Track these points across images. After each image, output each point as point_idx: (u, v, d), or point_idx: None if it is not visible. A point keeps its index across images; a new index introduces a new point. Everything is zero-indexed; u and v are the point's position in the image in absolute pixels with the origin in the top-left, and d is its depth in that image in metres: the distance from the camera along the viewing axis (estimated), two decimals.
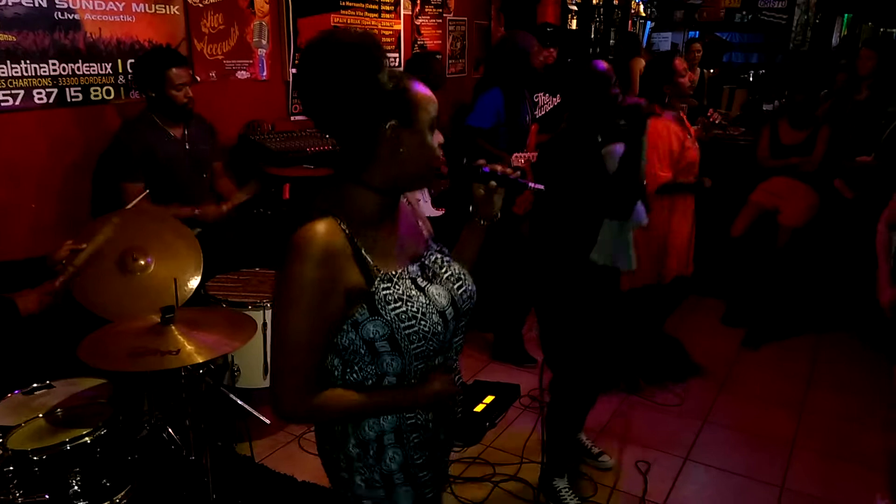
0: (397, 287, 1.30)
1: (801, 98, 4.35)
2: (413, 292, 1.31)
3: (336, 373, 1.35)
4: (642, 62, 6.50)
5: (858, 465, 3.14)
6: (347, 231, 1.27)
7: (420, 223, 1.51)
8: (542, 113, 4.46)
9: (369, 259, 1.28)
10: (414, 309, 1.30)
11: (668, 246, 3.44)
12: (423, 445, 1.42)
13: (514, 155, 3.69)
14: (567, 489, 2.83)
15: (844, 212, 4.32)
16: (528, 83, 4.03)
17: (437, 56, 4.72)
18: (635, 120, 2.54)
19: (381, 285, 1.29)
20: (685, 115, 3.58)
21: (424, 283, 1.35)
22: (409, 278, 1.34)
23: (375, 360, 1.32)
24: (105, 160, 3.24)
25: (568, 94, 2.73)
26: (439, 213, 3.88)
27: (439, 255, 1.47)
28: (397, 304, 1.29)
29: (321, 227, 1.24)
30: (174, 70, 3.06)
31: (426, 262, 1.42)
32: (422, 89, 1.31)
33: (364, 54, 1.25)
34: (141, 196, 2.94)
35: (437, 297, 1.34)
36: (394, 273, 1.32)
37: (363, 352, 1.31)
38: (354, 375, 1.34)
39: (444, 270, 1.43)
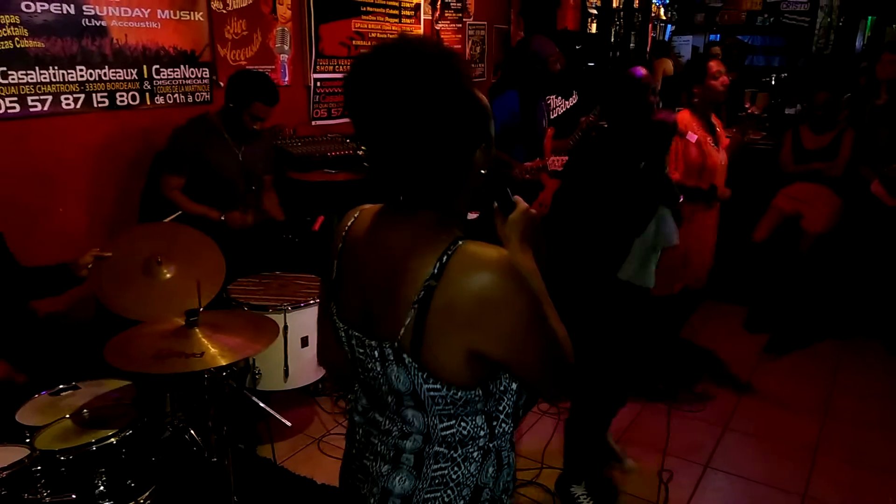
0: None
1: (825, 98, 4.27)
2: None
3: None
4: (668, 63, 6.48)
5: (882, 472, 3.10)
6: None
7: None
8: (554, 116, 4.46)
9: None
10: None
11: (687, 259, 3.42)
12: None
13: (552, 159, 3.68)
14: (584, 495, 2.82)
15: (870, 217, 4.27)
16: (545, 87, 4.03)
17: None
18: (660, 136, 2.54)
19: None
20: (718, 119, 3.54)
21: None
22: None
23: None
24: (160, 156, 3.37)
25: (605, 100, 2.71)
26: (474, 216, 3.88)
27: None
28: None
29: (496, 251, 1.10)
30: (259, 105, 3.18)
31: None
32: (482, 98, 1.19)
33: (460, 67, 1.12)
34: (173, 216, 3.00)
35: None
36: None
37: None
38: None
39: None
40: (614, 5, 6.97)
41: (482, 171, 1.18)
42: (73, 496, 2.07)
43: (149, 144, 3.39)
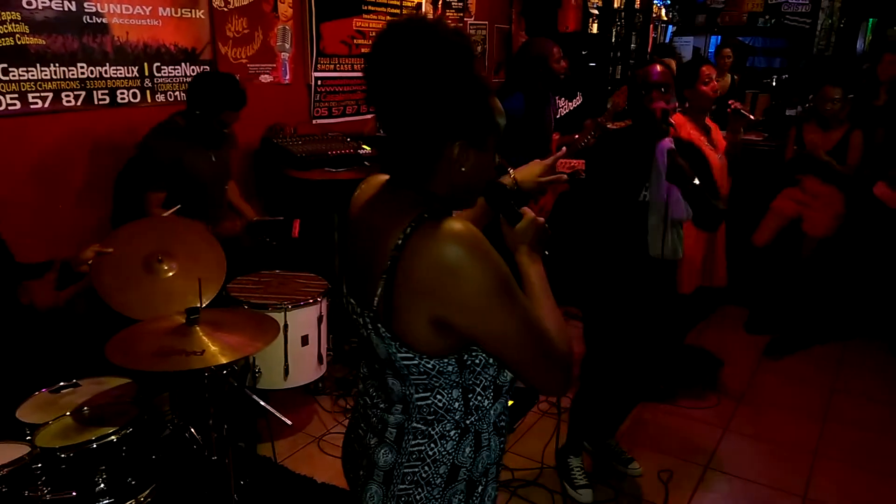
0: None
1: (838, 93, 4.12)
2: None
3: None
4: (672, 64, 6.46)
5: (882, 475, 3.10)
6: None
7: None
8: (558, 116, 4.46)
9: None
10: None
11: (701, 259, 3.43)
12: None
13: (560, 161, 3.68)
14: (579, 468, 2.90)
15: (873, 219, 4.26)
16: (551, 87, 4.02)
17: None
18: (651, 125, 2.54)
19: None
20: (713, 123, 3.53)
21: None
22: None
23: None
24: (132, 166, 3.27)
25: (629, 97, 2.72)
26: None
27: None
28: None
29: (458, 223, 1.12)
30: (228, 113, 3.13)
31: None
32: (499, 106, 1.23)
33: (463, 58, 1.16)
34: (173, 209, 2.97)
35: None
36: None
37: None
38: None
39: None
40: (615, 6, 6.96)
41: (462, 169, 1.19)
42: (74, 494, 2.07)
43: (138, 148, 3.34)
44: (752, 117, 3.47)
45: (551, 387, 1.23)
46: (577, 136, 4.10)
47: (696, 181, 2.50)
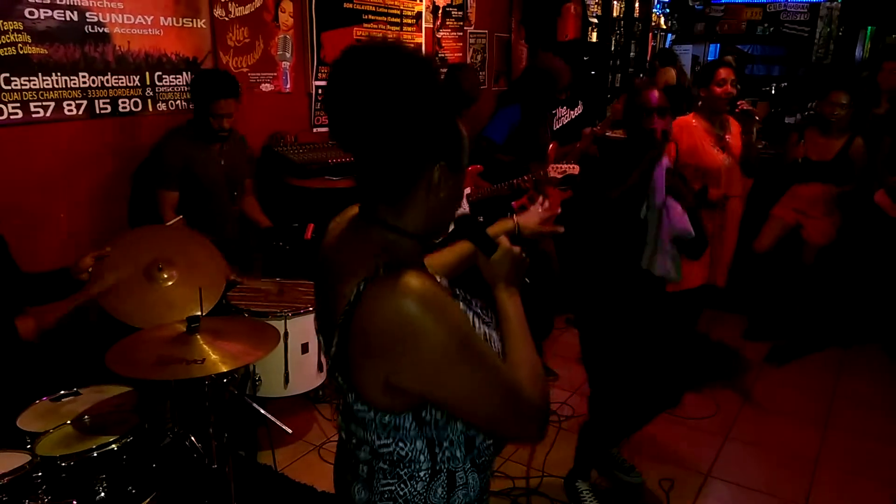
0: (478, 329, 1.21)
1: (845, 98, 4.08)
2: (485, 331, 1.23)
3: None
4: (671, 73, 6.49)
5: (883, 483, 3.09)
6: None
7: None
8: (559, 126, 4.47)
9: None
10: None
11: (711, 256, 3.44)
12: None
13: (551, 166, 3.69)
14: (588, 491, 2.88)
15: (873, 226, 4.26)
16: (547, 109, 4.03)
17: (468, 68, 4.63)
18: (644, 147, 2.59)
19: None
20: (735, 123, 3.55)
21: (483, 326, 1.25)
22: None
23: None
24: (145, 167, 3.35)
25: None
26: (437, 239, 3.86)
27: (466, 298, 1.31)
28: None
29: (415, 279, 1.05)
30: (220, 102, 3.18)
31: (462, 304, 1.26)
32: (464, 129, 1.18)
33: (435, 78, 1.10)
34: (176, 220, 3.00)
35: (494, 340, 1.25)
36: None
37: None
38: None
39: (480, 312, 1.29)
40: (615, 14, 6.99)
41: (442, 195, 1.14)
42: (74, 502, 2.06)
43: (149, 153, 3.38)
44: (757, 117, 3.51)
45: (523, 440, 1.19)
46: (577, 145, 4.12)
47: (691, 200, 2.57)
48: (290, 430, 3.08)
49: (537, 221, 1.63)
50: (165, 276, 2.61)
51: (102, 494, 2.11)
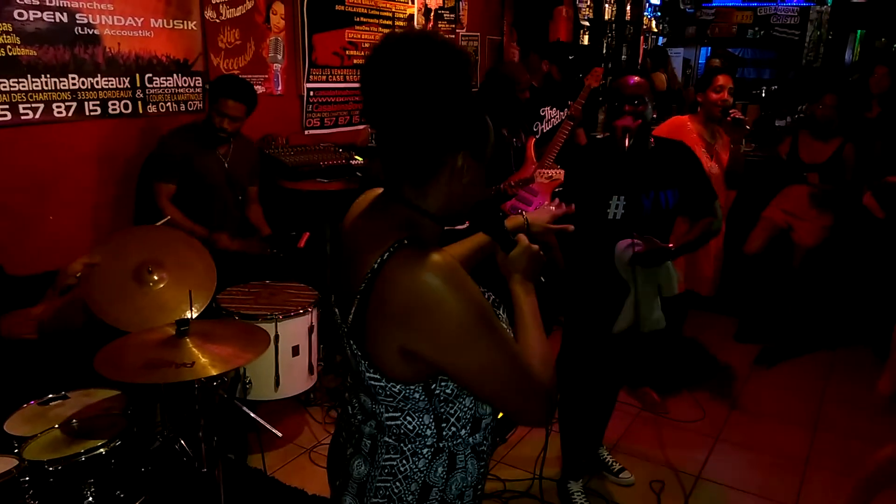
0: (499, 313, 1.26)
1: (833, 100, 4.13)
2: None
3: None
4: (660, 77, 6.51)
5: None
6: None
7: None
8: (549, 127, 4.47)
9: None
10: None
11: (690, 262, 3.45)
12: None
13: (538, 171, 3.69)
14: (580, 493, 2.88)
15: (862, 228, 4.29)
16: (513, 113, 3.99)
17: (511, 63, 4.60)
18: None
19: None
20: (726, 136, 3.55)
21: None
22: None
23: None
24: (148, 162, 3.39)
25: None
26: (464, 226, 3.84)
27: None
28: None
29: (437, 254, 1.09)
30: (227, 102, 3.21)
31: None
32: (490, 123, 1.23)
33: (467, 70, 1.16)
34: (166, 219, 2.99)
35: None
36: None
37: None
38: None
39: (497, 308, 1.31)
40: (606, 17, 7.02)
41: (464, 181, 1.18)
42: None
43: (141, 153, 3.39)
44: (749, 128, 3.51)
45: (530, 419, 1.21)
46: (560, 134, 4.11)
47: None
48: (279, 434, 3.07)
49: (547, 219, 1.66)
50: (156, 277, 2.60)
51: (91, 499, 2.10)
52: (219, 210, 3.40)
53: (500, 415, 1.61)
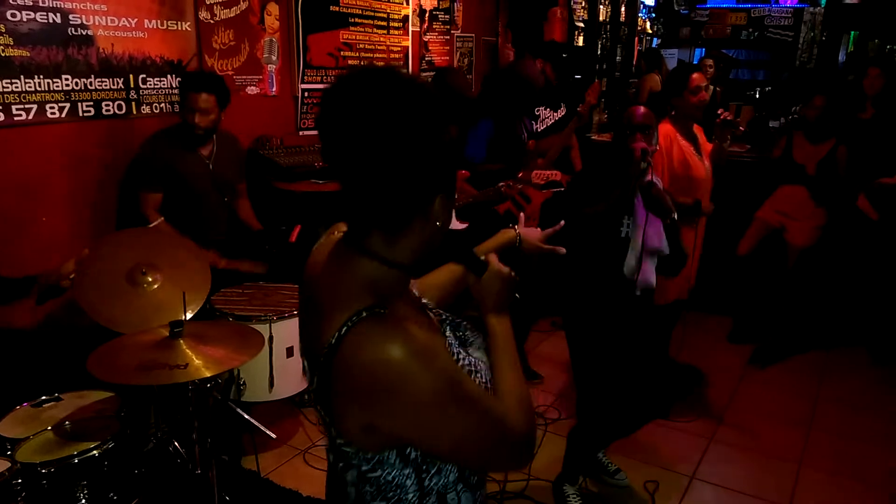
0: (462, 361, 1.19)
1: (822, 102, 4.15)
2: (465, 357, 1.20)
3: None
4: (655, 79, 6.52)
5: (866, 483, 3.12)
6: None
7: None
8: (544, 127, 4.47)
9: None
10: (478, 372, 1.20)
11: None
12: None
13: (535, 172, 3.69)
14: (575, 495, 2.89)
15: (855, 229, 4.30)
16: (527, 108, 4.01)
17: (455, 71, 4.65)
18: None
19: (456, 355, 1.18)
20: (699, 128, 3.52)
21: (460, 350, 1.22)
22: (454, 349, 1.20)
23: None
24: (130, 169, 3.33)
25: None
26: (463, 226, 3.84)
27: (455, 321, 1.28)
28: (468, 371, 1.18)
29: (397, 329, 1.02)
30: (192, 95, 3.12)
31: (449, 330, 1.25)
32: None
33: (438, 106, 1.05)
34: (157, 222, 2.98)
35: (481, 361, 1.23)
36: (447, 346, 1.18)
37: None
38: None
39: (468, 335, 1.27)
40: (601, 19, 7.03)
41: (437, 224, 1.10)
42: None
43: (135, 154, 3.37)
44: (741, 129, 3.49)
45: (510, 468, 1.19)
46: (557, 139, 4.12)
47: (675, 216, 2.58)
48: (273, 436, 3.07)
49: (539, 238, 1.63)
50: (150, 279, 2.59)
51: (84, 501, 2.09)
52: (206, 214, 3.34)
53: None
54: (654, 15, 8.55)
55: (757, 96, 7.49)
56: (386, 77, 1.04)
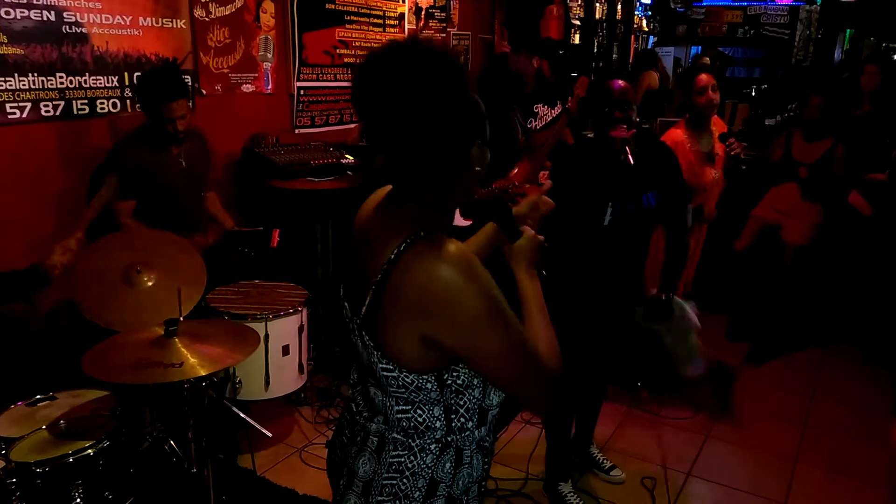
0: None
1: (818, 101, 4.17)
2: None
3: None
4: (653, 76, 6.52)
5: (861, 480, 3.12)
6: None
7: None
8: (542, 124, 4.47)
9: None
10: None
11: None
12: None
13: (542, 173, 3.70)
14: (572, 493, 2.88)
15: (851, 227, 4.31)
16: (518, 106, 3.99)
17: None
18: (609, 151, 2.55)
19: None
20: (720, 121, 3.53)
21: None
22: None
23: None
24: (97, 177, 3.20)
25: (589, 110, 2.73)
26: (467, 223, 3.84)
27: None
28: None
29: (453, 245, 1.12)
30: (170, 106, 2.98)
31: None
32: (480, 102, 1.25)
33: (460, 66, 1.18)
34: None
35: None
36: None
37: None
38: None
39: None
40: (597, 17, 7.03)
41: (476, 169, 1.20)
42: None
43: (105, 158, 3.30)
44: (742, 155, 3.50)
45: (538, 403, 1.26)
46: (551, 132, 4.12)
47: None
48: (269, 434, 3.06)
49: (535, 202, 1.64)
50: (145, 278, 2.58)
51: (79, 500, 2.08)
52: (186, 211, 3.25)
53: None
54: (650, 13, 8.56)
55: (753, 94, 7.50)
56: (411, 51, 1.14)
